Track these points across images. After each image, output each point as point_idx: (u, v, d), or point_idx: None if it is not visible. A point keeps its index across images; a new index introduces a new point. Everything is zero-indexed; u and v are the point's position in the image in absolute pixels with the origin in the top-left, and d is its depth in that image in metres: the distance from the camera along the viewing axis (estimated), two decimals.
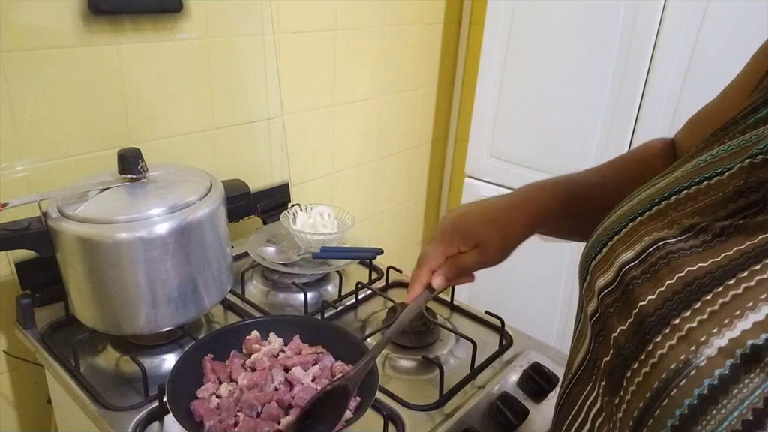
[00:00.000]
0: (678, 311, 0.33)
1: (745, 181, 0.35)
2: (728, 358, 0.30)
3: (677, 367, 0.31)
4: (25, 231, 0.78)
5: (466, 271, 0.60)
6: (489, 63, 1.53)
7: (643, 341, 0.34)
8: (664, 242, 0.37)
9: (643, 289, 0.36)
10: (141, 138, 1.06)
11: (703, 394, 0.30)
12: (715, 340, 0.30)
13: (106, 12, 0.94)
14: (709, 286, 0.32)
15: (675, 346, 0.32)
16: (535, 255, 1.55)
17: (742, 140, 0.39)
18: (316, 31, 1.33)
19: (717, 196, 0.36)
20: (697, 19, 1.17)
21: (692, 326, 0.32)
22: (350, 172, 1.61)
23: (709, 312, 0.32)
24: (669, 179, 0.42)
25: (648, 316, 0.34)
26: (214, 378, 0.72)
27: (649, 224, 0.39)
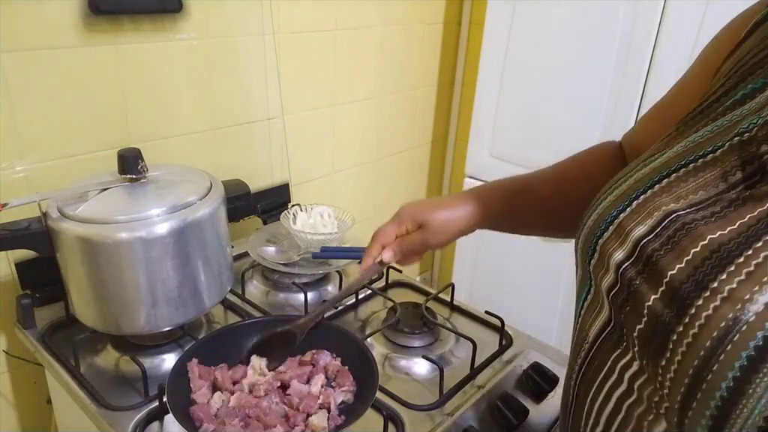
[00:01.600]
0: (713, 276, 0.35)
1: (738, 156, 0.38)
2: None
3: (727, 325, 0.33)
4: (25, 231, 0.78)
5: (412, 248, 0.69)
6: (489, 63, 1.53)
7: (683, 306, 0.36)
8: (677, 215, 0.39)
9: (669, 260, 0.38)
10: (141, 138, 1.06)
11: (759, 345, 0.32)
12: (760, 297, 0.33)
13: (106, 12, 0.94)
14: (737, 250, 0.35)
15: (719, 307, 0.34)
16: (535, 255, 1.55)
17: (725, 120, 0.42)
18: (316, 31, 1.33)
19: (716, 171, 0.39)
20: (697, 19, 1.17)
21: (733, 287, 0.34)
22: (350, 172, 1.61)
23: (745, 273, 0.34)
24: (662, 159, 0.45)
25: (682, 283, 0.36)
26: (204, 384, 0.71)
27: (655, 199, 0.41)
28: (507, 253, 1.63)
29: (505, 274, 1.66)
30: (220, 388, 0.72)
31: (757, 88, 0.42)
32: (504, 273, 1.66)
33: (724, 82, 0.45)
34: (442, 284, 1.55)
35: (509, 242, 1.61)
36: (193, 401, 0.69)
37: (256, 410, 0.68)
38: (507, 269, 1.65)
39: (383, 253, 0.69)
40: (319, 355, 0.77)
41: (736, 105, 0.42)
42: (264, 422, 0.67)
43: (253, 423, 0.67)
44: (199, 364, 0.73)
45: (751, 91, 0.42)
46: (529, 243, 1.56)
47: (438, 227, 0.67)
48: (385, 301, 1.03)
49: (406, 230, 0.69)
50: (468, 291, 1.75)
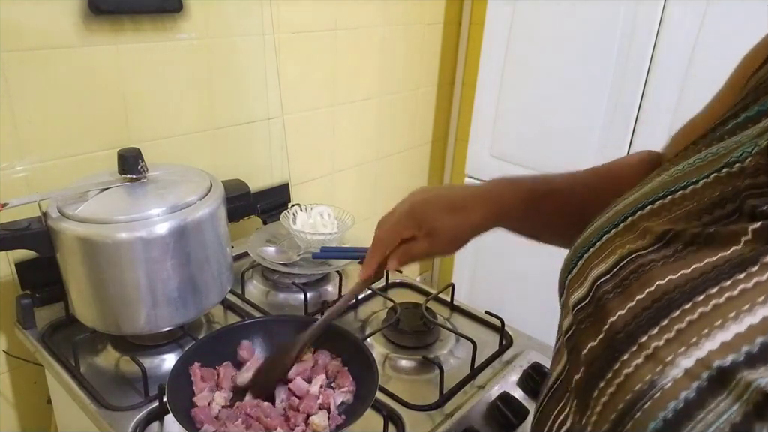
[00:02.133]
0: (646, 329, 0.32)
1: (720, 192, 0.34)
2: (695, 381, 0.28)
3: (642, 388, 0.30)
4: (25, 231, 0.78)
5: (417, 257, 0.62)
6: (489, 63, 1.53)
7: (611, 359, 0.33)
8: (636, 254, 0.35)
9: (614, 304, 0.34)
10: (141, 138, 1.06)
11: (668, 418, 0.29)
12: (682, 360, 0.29)
13: (106, 12, 0.94)
14: (677, 302, 0.31)
15: (641, 365, 0.31)
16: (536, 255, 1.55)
17: (720, 147, 0.38)
18: (316, 31, 1.33)
19: (692, 206, 0.35)
20: (697, 19, 1.17)
21: (659, 345, 0.31)
22: (350, 172, 1.61)
23: (676, 330, 0.30)
24: (645, 190, 0.41)
25: (617, 333, 0.33)
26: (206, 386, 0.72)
27: (623, 236, 0.38)
28: (507, 253, 1.63)
29: (505, 274, 1.66)
30: (221, 387, 0.72)
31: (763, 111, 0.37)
32: (504, 273, 1.66)
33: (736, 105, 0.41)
34: (442, 284, 1.55)
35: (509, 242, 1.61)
36: (194, 404, 0.69)
37: (257, 410, 0.68)
38: (507, 269, 1.65)
39: (389, 261, 0.62)
40: (318, 355, 0.77)
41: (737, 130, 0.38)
42: (265, 423, 0.67)
43: (254, 424, 0.67)
44: (201, 367, 0.74)
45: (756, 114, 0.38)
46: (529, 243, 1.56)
47: (448, 236, 0.59)
48: (385, 301, 1.03)
49: (411, 235, 0.61)
50: (468, 291, 1.75)
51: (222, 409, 0.70)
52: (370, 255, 0.63)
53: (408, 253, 0.61)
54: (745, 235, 0.31)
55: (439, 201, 0.60)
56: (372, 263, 0.63)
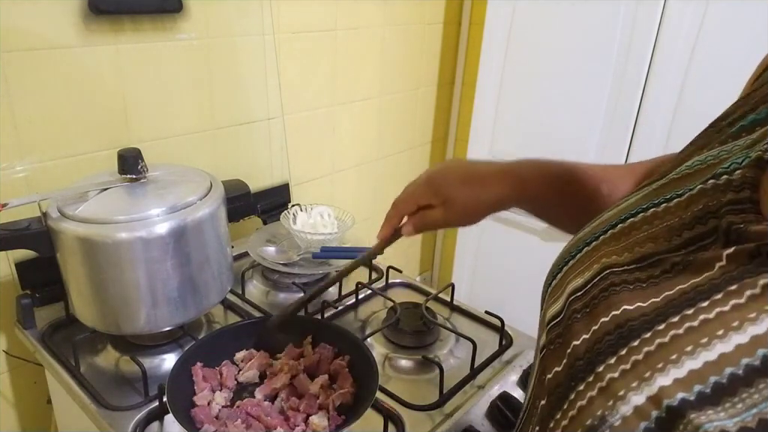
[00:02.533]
0: (604, 357, 0.30)
1: (703, 205, 0.32)
2: (643, 421, 0.27)
3: (593, 424, 0.29)
4: (25, 231, 0.78)
5: (432, 226, 0.61)
6: (489, 63, 1.53)
7: (569, 388, 0.32)
8: (610, 271, 0.34)
9: (580, 326, 0.33)
10: (141, 138, 1.06)
11: None
12: (633, 397, 0.28)
13: (106, 12, 0.94)
14: (638, 331, 0.30)
15: (595, 398, 0.30)
16: (535, 255, 1.55)
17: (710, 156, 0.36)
18: (316, 31, 1.33)
19: (674, 221, 0.34)
20: (697, 19, 1.17)
21: (614, 377, 0.29)
22: (350, 172, 1.61)
23: (632, 361, 0.29)
24: (631, 200, 0.40)
25: (578, 359, 0.32)
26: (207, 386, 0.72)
27: (602, 249, 0.37)
28: (507, 254, 1.63)
29: (505, 274, 1.66)
30: (223, 387, 0.73)
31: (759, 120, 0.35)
32: (504, 273, 1.66)
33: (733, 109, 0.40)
34: (442, 284, 1.55)
35: (509, 243, 1.62)
36: (194, 404, 0.69)
37: (257, 410, 0.68)
38: (507, 269, 1.65)
39: (404, 227, 0.62)
40: (321, 350, 0.78)
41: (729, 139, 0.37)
42: (265, 423, 0.67)
43: (254, 424, 0.67)
44: (203, 367, 0.74)
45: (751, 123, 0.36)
46: (529, 243, 1.57)
47: (463, 207, 0.59)
48: (385, 301, 1.03)
49: (428, 202, 0.61)
50: (468, 291, 1.75)
51: (222, 408, 0.70)
52: (388, 217, 0.63)
53: (423, 219, 0.61)
54: (719, 261, 0.29)
55: (458, 172, 0.60)
56: (389, 225, 0.63)
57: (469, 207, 0.59)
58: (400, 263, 1.14)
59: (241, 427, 0.66)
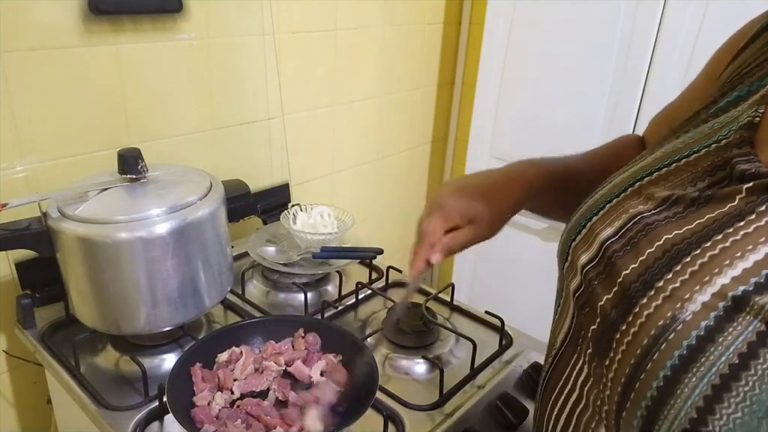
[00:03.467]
0: (660, 275, 0.35)
1: (711, 162, 0.39)
2: (712, 311, 0.32)
3: (665, 323, 0.33)
4: (25, 231, 0.78)
5: (461, 247, 0.62)
6: (489, 63, 1.53)
7: (629, 305, 0.36)
8: (641, 216, 0.39)
9: (625, 260, 0.38)
10: (141, 138, 1.06)
11: (692, 345, 0.32)
12: (698, 296, 0.32)
13: (106, 12, 0.94)
14: (687, 250, 0.35)
15: (661, 305, 0.34)
16: (535, 255, 1.55)
17: (705, 127, 0.42)
18: (316, 31, 1.33)
19: (686, 175, 0.40)
20: (697, 19, 1.17)
21: (675, 286, 0.34)
22: (350, 172, 1.61)
23: (690, 272, 0.34)
24: (641, 164, 0.45)
25: (632, 283, 0.36)
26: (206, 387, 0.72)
27: (626, 203, 0.42)
28: (507, 253, 1.63)
29: (505, 274, 1.66)
30: (221, 387, 0.73)
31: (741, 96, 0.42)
32: (504, 273, 1.66)
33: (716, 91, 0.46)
34: (442, 284, 1.55)
35: (509, 242, 1.62)
36: (193, 404, 0.69)
37: (257, 410, 0.68)
38: (507, 269, 1.65)
39: (432, 256, 0.62)
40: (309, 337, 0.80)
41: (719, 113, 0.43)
42: (265, 423, 0.67)
43: (254, 423, 0.67)
44: (202, 368, 0.74)
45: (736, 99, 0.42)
46: (529, 243, 1.57)
47: (489, 223, 0.61)
48: (385, 301, 1.03)
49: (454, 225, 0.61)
50: (468, 291, 1.75)
51: (222, 408, 0.70)
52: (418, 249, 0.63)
53: (454, 242, 0.61)
54: (739, 194, 0.35)
55: (475, 190, 0.62)
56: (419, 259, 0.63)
57: (494, 220, 0.61)
58: (400, 263, 1.14)
59: (241, 427, 0.66)
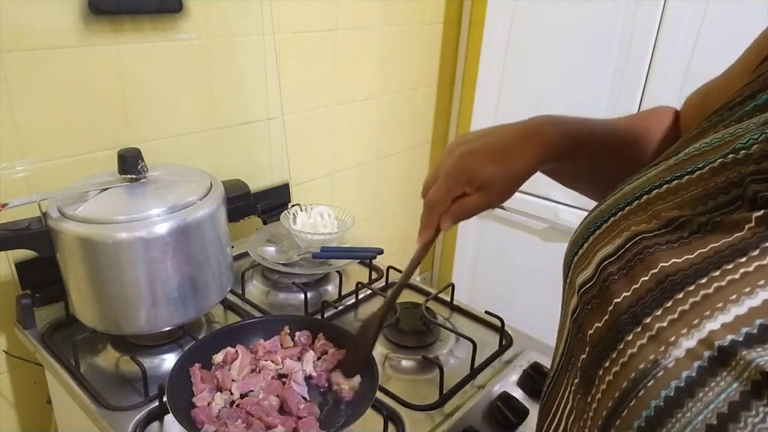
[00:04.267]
0: (650, 310, 0.32)
1: (725, 177, 0.35)
2: (696, 360, 0.29)
3: (646, 368, 0.31)
4: (25, 231, 0.78)
5: (471, 214, 0.58)
6: (489, 63, 1.53)
7: (616, 340, 0.34)
8: (641, 237, 0.36)
9: (619, 286, 0.35)
10: (141, 138, 1.06)
11: (670, 397, 0.30)
12: (684, 341, 0.30)
13: (106, 12, 0.94)
14: (681, 284, 0.32)
15: (645, 345, 0.32)
16: (535, 255, 1.56)
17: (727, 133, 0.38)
18: (316, 31, 1.33)
19: (697, 191, 0.36)
20: (697, 19, 1.17)
21: (662, 326, 0.31)
22: (350, 172, 1.61)
23: (679, 311, 0.31)
24: (650, 174, 0.42)
25: (622, 314, 0.34)
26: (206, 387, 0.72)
27: (629, 219, 0.39)
28: (507, 254, 1.63)
29: (505, 274, 1.66)
30: (220, 388, 0.73)
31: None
32: (504, 273, 1.66)
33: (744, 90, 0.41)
34: (442, 284, 1.55)
35: (509, 243, 1.62)
36: (193, 404, 0.69)
37: (257, 409, 0.68)
38: (507, 269, 1.65)
39: (442, 223, 0.59)
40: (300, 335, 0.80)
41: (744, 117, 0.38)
42: (266, 422, 0.67)
43: (255, 423, 0.67)
44: (201, 368, 0.74)
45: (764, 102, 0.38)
46: (529, 243, 1.57)
47: (501, 187, 0.56)
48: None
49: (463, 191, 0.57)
50: (468, 291, 1.75)
51: (222, 408, 0.70)
52: (426, 218, 0.60)
53: (462, 210, 0.58)
54: (749, 222, 0.31)
55: (488, 152, 0.57)
56: (429, 227, 0.60)
57: (507, 184, 0.56)
58: (400, 263, 1.14)
59: (242, 427, 0.66)
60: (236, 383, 0.73)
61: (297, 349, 0.79)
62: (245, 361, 0.76)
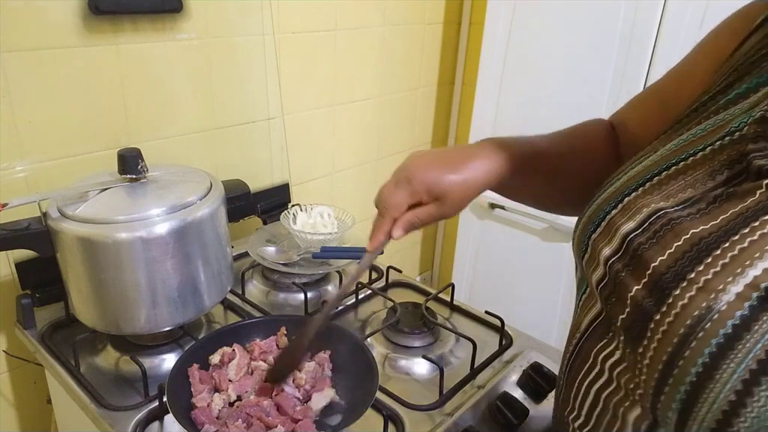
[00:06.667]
0: (691, 267, 0.36)
1: (727, 155, 0.40)
2: (746, 301, 0.33)
3: (700, 314, 0.34)
4: (25, 231, 0.78)
5: (427, 222, 0.60)
6: (489, 63, 1.53)
7: (662, 296, 0.37)
8: (664, 212, 0.40)
9: (653, 252, 0.39)
10: (141, 138, 1.06)
11: (728, 333, 0.33)
12: (732, 288, 0.34)
13: (106, 12, 0.94)
14: (716, 243, 0.36)
15: (695, 296, 0.35)
16: (535, 255, 1.55)
17: (717, 120, 0.43)
18: (316, 31, 1.33)
19: (704, 169, 0.41)
20: (697, 19, 1.17)
21: (708, 278, 0.35)
22: (350, 172, 1.61)
23: (721, 265, 0.35)
24: (654, 157, 0.46)
25: (663, 274, 0.38)
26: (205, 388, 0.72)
27: (645, 197, 0.43)
28: (507, 253, 1.63)
29: (505, 274, 1.66)
30: (218, 389, 0.73)
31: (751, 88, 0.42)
32: (504, 273, 1.66)
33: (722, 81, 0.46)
34: (442, 284, 1.55)
35: (509, 243, 1.62)
36: (193, 405, 0.69)
37: (257, 410, 0.68)
38: (507, 269, 1.65)
39: (394, 230, 0.61)
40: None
41: (729, 104, 0.43)
42: (266, 423, 0.67)
43: (255, 423, 0.67)
44: (199, 369, 0.74)
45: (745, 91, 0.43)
46: (529, 243, 1.57)
47: (457, 199, 0.58)
48: (385, 301, 1.03)
49: (419, 200, 0.60)
50: (468, 291, 1.75)
51: (222, 408, 0.70)
52: (378, 224, 0.62)
53: (416, 219, 0.60)
54: (760, 189, 0.36)
55: (443, 164, 0.60)
56: (380, 233, 0.62)
57: (463, 194, 0.58)
58: (400, 263, 1.14)
59: (242, 427, 0.66)
60: (233, 384, 0.73)
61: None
62: (243, 362, 0.75)
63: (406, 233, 0.61)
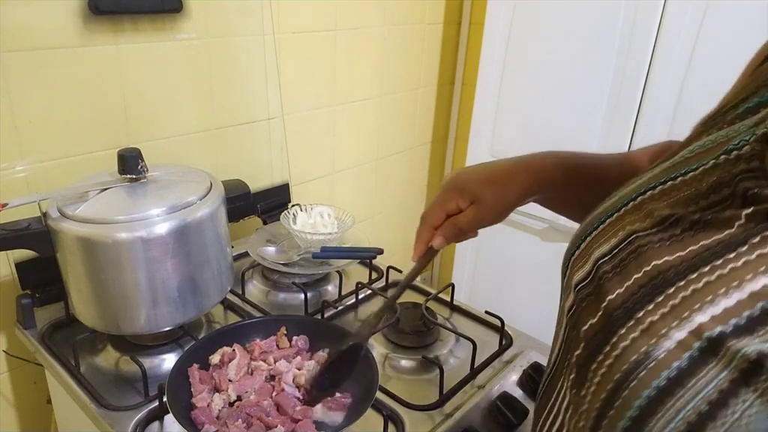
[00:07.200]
0: (642, 305, 0.33)
1: (717, 177, 0.36)
2: (686, 351, 0.30)
3: (638, 359, 0.32)
4: (25, 231, 0.78)
5: (464, 230, 0.61)
6: (489, 63, 1.53)
7: (609, 334, 0.35)
8: (636, 235, 0.37)
9: (613, 284, 0.36)
10: (141, 138, 1.06)
11: (662, 386, 0.30)
12: (675, 333, 0.31)
13: (106, 12, 0.94)
14: (672, 280, 0.33)
15: (637, 338, 0.33)
16: (535, 255, 1.55)
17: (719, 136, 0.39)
18: (316, 31, 1.33)
19: (689, 191, 0.37)
20: (697, 19, 1.17)
21: (654, 319, 0.32)
22: (350, 172, 1.61)
23: (671, 305, 0.32)
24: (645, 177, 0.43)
25: (615, 310, 0.35)
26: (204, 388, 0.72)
27: (625, 219, 0.40)
28: (507, 253, 1.63)
29: (505, 274, 1.66)
30: (218, 389, 0.73)
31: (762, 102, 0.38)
32: (504, 273, 1.66)
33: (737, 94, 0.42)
34: (442, 284, 1.55)
35: (509, 243, 1.62)
36: (193, 405, 0.69)
37: (257, 410, 0.68)
38: (507, 269, 1.65)
39: (434, 239, 0.60)
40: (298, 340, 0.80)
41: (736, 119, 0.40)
42: (266, 423, 0.67)
43: (255, 423, 0.67)
44: (199, 369, 0.74)
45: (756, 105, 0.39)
46: (529, 243, 1.57)
47: (494, 204, 0.58)
48: (385, 301, 1.03)
49: (457, 208, 0.60)
50: (468, 291, 1.75)
51: (222, 409, 0.70)
52: (419, 234, 0.62)
53: (455, 225, 0.60)
54: (738, 219, 0.32)
55: (479, 174, 0.61)
56: (422, 242, 0.62)
57: (498, 204, 0.59)
58: (400, 263, 1.14)
59: (242, 427, 0.66)
60: (233, 384, 0.73)
61: (292, 350, 0.79)
62: (243, 362, 0.75)
63: (449, 242, 0.61)
